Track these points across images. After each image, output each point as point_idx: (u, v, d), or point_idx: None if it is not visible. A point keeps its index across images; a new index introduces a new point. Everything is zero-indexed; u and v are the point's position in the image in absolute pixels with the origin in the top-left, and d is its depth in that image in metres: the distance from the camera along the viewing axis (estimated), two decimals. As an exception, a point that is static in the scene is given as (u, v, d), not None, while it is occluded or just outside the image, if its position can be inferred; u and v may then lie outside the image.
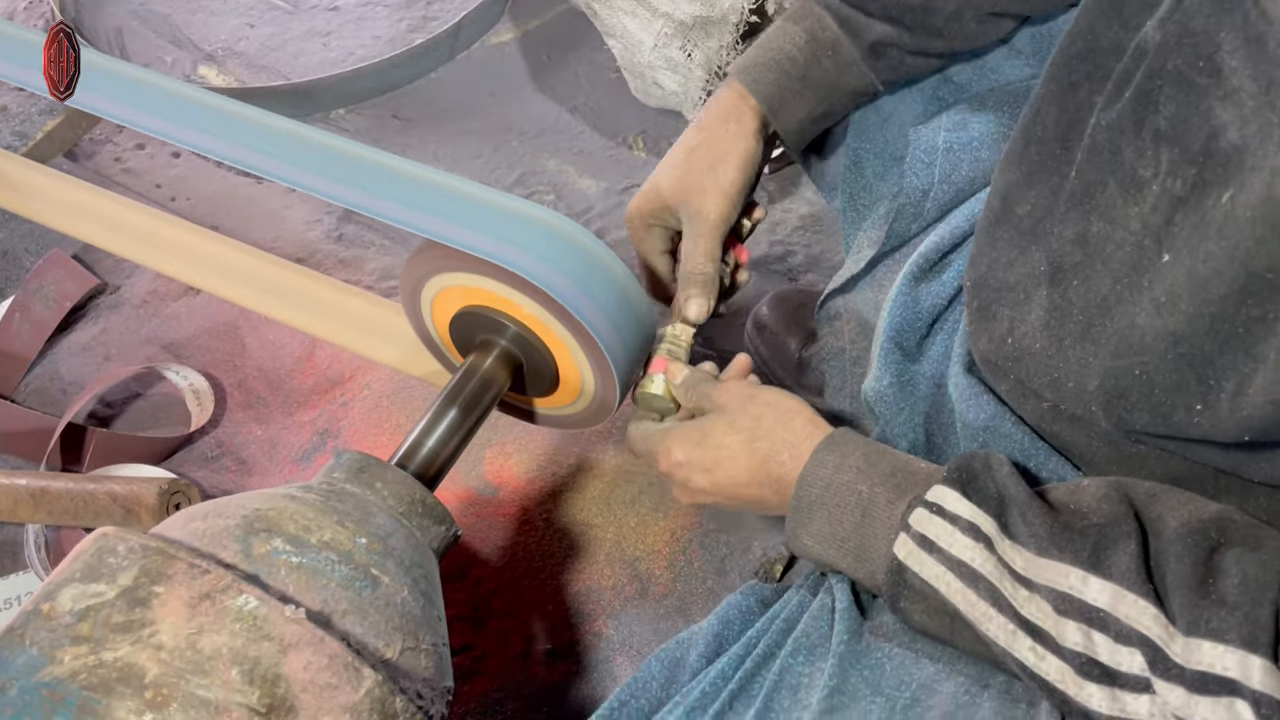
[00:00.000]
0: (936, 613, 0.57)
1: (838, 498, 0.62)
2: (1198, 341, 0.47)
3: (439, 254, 0.82)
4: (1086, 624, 0.49)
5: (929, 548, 0.56)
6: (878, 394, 0.72)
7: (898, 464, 0.62)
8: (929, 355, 0.73)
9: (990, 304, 0.62)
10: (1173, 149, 0.48)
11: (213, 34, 1.75)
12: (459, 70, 1.64)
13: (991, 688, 0.56)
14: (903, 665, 0.58)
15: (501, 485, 1.09)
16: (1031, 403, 0.62)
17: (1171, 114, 0.48)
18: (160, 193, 1.48)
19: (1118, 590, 0.49)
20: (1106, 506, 0.53)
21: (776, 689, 0.59)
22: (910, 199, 0.78)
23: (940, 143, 0.78)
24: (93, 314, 1.32)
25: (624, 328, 0.81)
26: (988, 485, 0.57)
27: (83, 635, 0.57)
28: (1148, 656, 0.47)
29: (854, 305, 0.83)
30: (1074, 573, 0.50)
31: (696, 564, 1.02)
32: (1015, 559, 0.53)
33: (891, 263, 0.80)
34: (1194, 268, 0.46)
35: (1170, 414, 0.50)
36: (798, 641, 0.61)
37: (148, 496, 1.02)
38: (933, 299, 0.74)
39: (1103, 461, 0.60)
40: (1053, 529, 0.53)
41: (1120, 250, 0.51)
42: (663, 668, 0.65)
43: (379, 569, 0.65)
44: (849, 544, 0.61)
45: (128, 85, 0.92)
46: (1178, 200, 0.47)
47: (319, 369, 1.23)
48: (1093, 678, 0.48)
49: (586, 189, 1.46)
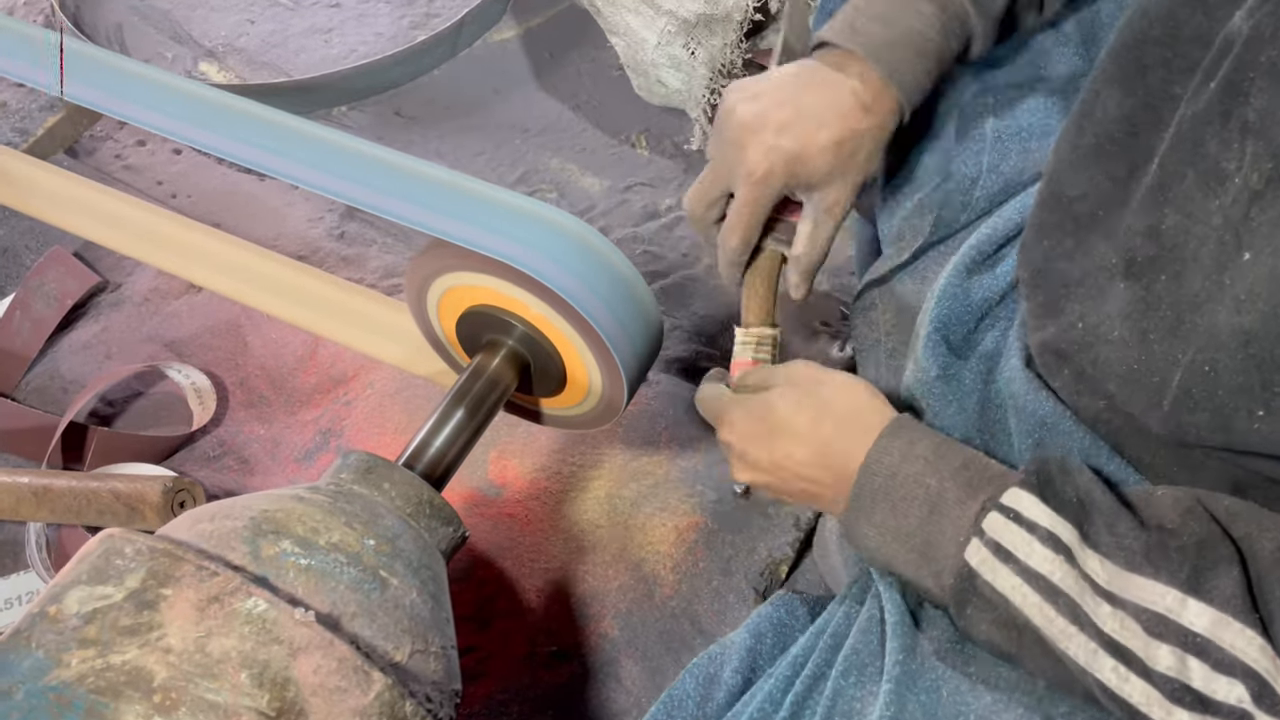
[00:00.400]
0: (1006, 625, 0.54)
1: (904, 489, 0.59)
2: (1269, 343, 0.45)
3: (446, 253, 0.81)
4: (1182, 649, 0.47)
5: (1005, 557, 0.54)
6: (924, 386, 0.68)
7: (969, 458, 0.59)
8: (978, 350, 0.70)
9: (1057, 299, 0.60)
10: (1259, 142, 0.46)
11: (213, 30, 1.74)
12: (461, 67, 1.64)
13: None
14: (959, 691, 0.56)
15: (505, 485, 1.09)
16: (1087, 399, 0.59)
17: (1262, 106, 0.46)
18: (161, 190, 1.47)
19: (1220, 616, 0.47)
20: (1194, 523, 0.51)
21: (830, 715, 0.57)
22: (959, 186, 0.74)
23: (989, 131, 0.75)
24: (93, 312, 1.31)
25: (631, 327, 0.81)
26: (1066, 490, 0.55)
27: (90, 638, 0.56)
28: (1252, 689, 0.45)
29: (893, 296, 0.79)
30: (1171, 593, 0.48)
31: (701, 565, 1.01)
32: (1098, 571, 0.51)
33: (936, 254, 0.76)
34: (1275, 266, 0.45)
35: (1231, 418, 0.48)
36: (848, 660, 0.59)
37: (152, 494, 1.01)
38: (984, 292, 0.71)
39: (1162, 465, 0.58)
40: (1146, 544, 0.51)
41: (1205, 246, 0.49)
42: (697, 685, 0.63)
43: (387, 571, 0.65)
44: (914, 540, 0.58)
45: (130, 81, 0.92)
46: (1255, 194, 0.46)
47: (322, 368, 1.22)
48: (1184, 704, 0.47)
49: (589, 187, 1.45)
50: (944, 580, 0.57)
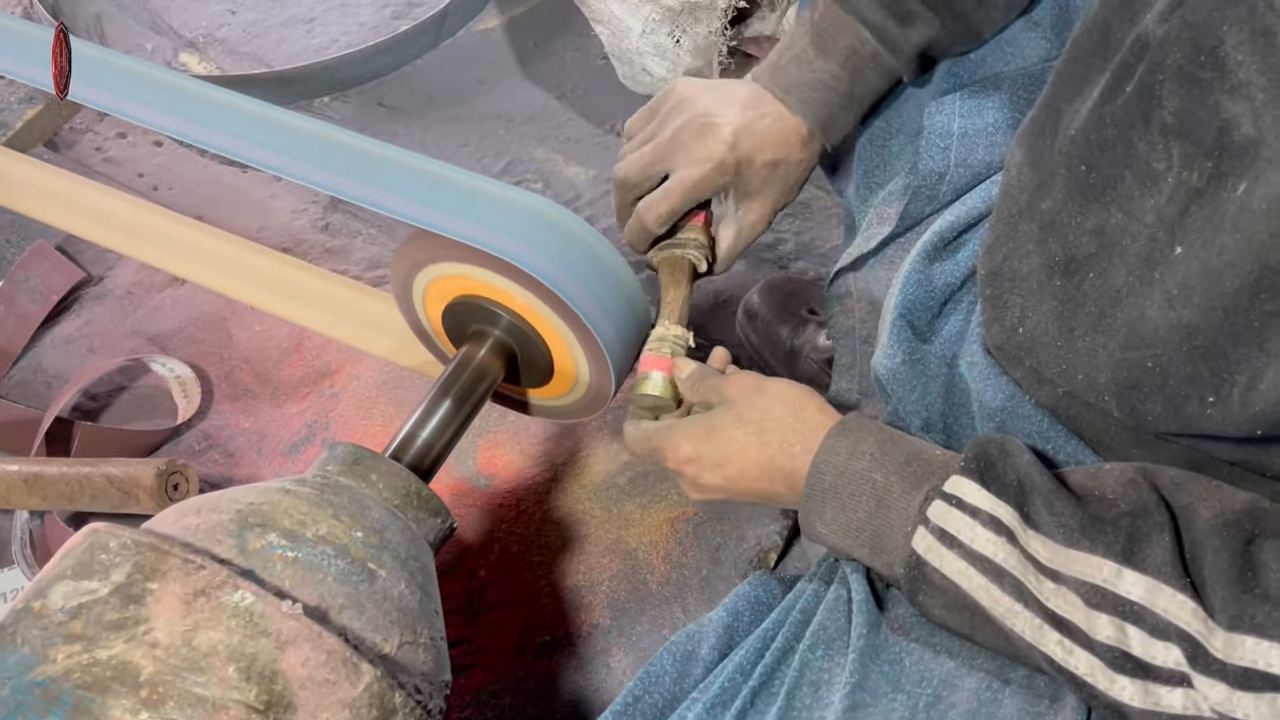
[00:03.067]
0: (957, 607, 0.56)
1: (851, 486, 0.61)
2: (1211, 334, 0.47)
3: (431, 243, 0.81)
4: (1120, 617, 0.49)
5: (949, 542, 0.55)
6: (890, 371, 0.70)
7: (912, 451, 0.61)
8: (941, 335, 0.72)
9: (1003, 293, 0.62)
10: (1183, 142, 0.47)
11: (193, 20, 1.73)
12: (445, 57, 1.63)
13: (1013, 683, 0.56)
14: (922, 660, 0.58)
15: (494, 475, 1.08)
16: (1046, 388, 0.61)
17: (1176, 108, 0.48)
18: (143, 182, 1.46)
19: (1154, 583, 0.48)
20: (1133, 493, 0.52)
21: (797, 685, 0.59)
22: (926, 182, 0.76)
23: (955, 128, 0.76)
24: (76, 306, 1.30)
25: (619, 317, 0.80)
26: (1006, 473, 0.56)
27: (76, 633, 0.56)
28: (1186, 651, 0.46)
29: (865, 283, 0.82)
30: (1107, 565, 0.50)
31: (691, 553, 1.01)
32: (1039, 550, 0.53)
33: (904, 242, 0.79)
34: (1207, 260, 0.46)
35: (1183, 406, 0.49)
36: (815, 635, 0.61)
37: (145, 477, 1.00)
38: (946, 277, 0.73)
39: (1120, 446, 0.59)
40: (1082, 519, 0.52)
41: (1135, 242, 0.51)
42: (674, 661, 0.64)
43: (375, 563, 0.65)
44: (864, 534, 0.60)
45: (109, 72, 0.91)
46: (1194, 192, 0.47)
47: (307, 360, 1.21)
48: (1125, 671, 0.48)
49: (574, 177, 1.45)
50: (895, 570, 0.59)
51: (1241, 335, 0.45)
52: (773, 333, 1.17)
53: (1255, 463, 0.52)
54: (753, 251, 1.32)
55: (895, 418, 0.70)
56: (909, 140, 0.81)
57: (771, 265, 1.31)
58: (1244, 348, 0.46)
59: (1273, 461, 0.51)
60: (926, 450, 0.62)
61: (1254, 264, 0.44)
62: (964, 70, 0.80)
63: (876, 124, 0.83)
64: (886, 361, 0.70)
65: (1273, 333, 0.44)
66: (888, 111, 0.82)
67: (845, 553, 0.63)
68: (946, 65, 0.80)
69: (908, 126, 0.82)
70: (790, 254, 1.33)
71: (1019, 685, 0.55)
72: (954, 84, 0.80)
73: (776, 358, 1.17)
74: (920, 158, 0.77)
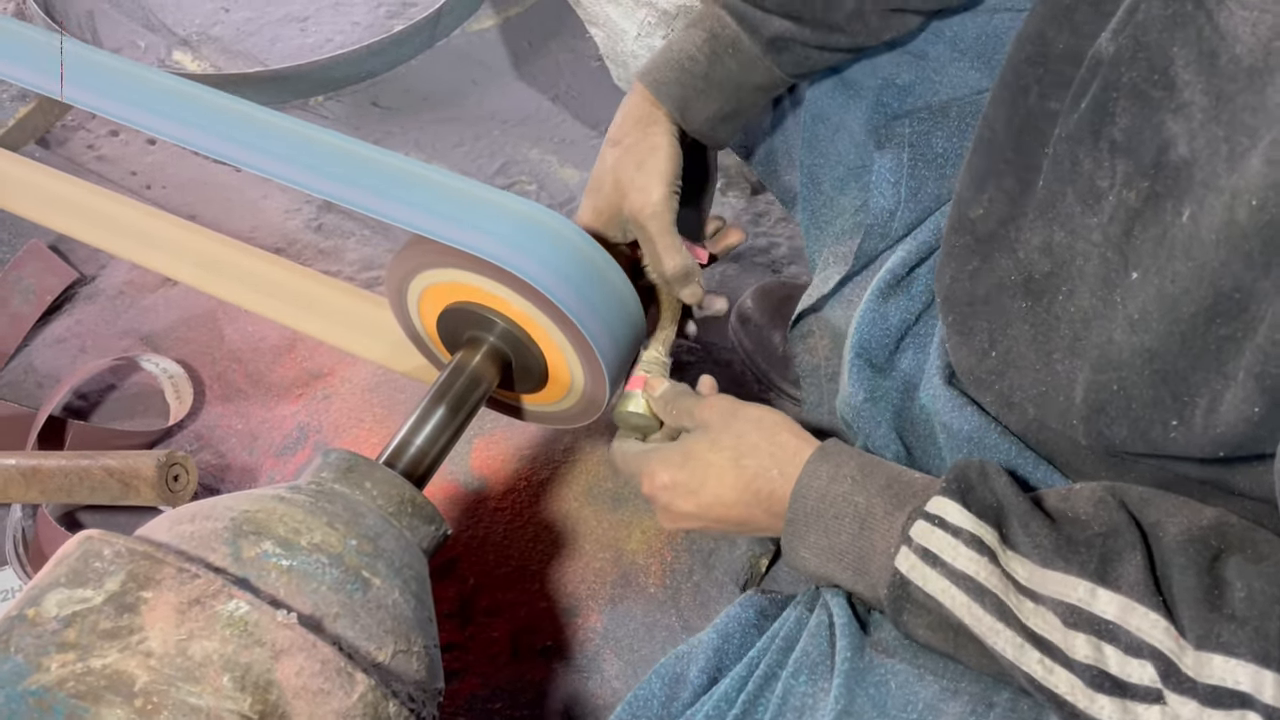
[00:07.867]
0: (940, 626, 0.56)
1: (834, 509, 0.61)
2: (1171, 359, 0.47)
3: (426, 249, 0.81)
4: (1096, 636, 0.49)
5: (932, 561, 0.56)
6: (853, 409, 0.71)
7: (893, 475, 0.62)
8: (899, 369, 0.73)
9: (966, 318, 0.62)
10: (1126, 160, 0.48)
11: (187, 18, 1.72)
12: (439, 57, 1.63)
13: (997, 707, 0.56)
14: (907, 684, 0.58)
15: (488, 479, 1.08)
16: (1016, 413, 0.62)
17: (1126, 125, 0.48)
18: (135, 180, 1.46)
19: (1127, 602, 0.49)
20: (1104, 514, 0.53)
21: (781, 712, 0.59)
22: (877, 219, 0.77)
23: (905, 160, 0.77)
24: (68, 305, 1.29)
25: (614, 324, 0.80)
26: (986, 495, 0.57)
27: (70, 642, 0.56)
28: (1159, 669, 0.47)
29: (825, 322, 0.83)
30: (1082, 585, 0.50)
31: (684, 559, 1.01)
32: (1018, 570, 0.53)
33: (860, 279, 0.80)
34: (1163, 286, 0.47)
35: (1148, 430, 0.50)
36: (799, 661, 0.61)
37: (146, 469, 0.99)
38: (901, 313, 0.74)
39: (1090, 469, 0.60)
40: (1056, 541, 0.52)
41: (1089, 263, 0.52)
42: (663, 685, 0.64)
43: (370, 571, 0.65)
44: (848, 557, 0.61)
45: (101, 73, 0.90)
46: (1134, 212, 0.48)
47: (299, 361, 1.21)
48: (1104, 690, 0.49)
49: (568, 179, 1.45)
50: (879, 590, 0.59)
51: (1200, 359, 0.46)
52: (765, 337, 1.17)
53: (1221, 481, 0.53)
54: (746, 256, 1.32)
55: (866, 452, 0.71)
56: (850, 175, 0.82)
57: (764, 270, 1.32)
58: (1203, 372, 0.46)
59: (1238, 480, 0.52)
60: (906, 474, 0.62)
61: (1208, 290, 0.44)
62: (892, 97, 0.81)
63: (815, 165, 0.85)
64: (849, 400, 0.72)
65: (1230, 356, 0.45)
66: (825, 151, 0.84)
67: (828, 578, 0.63)
68: (874, 93, 0.81)
69: (846, 162, 0.83)
70: (784, 258, 1.33)
71: (1003, 709, 0.56)
72: (885, 113, 0.81)
73: (769, 362, 1.17)
74: (871, 194, 0.78)
